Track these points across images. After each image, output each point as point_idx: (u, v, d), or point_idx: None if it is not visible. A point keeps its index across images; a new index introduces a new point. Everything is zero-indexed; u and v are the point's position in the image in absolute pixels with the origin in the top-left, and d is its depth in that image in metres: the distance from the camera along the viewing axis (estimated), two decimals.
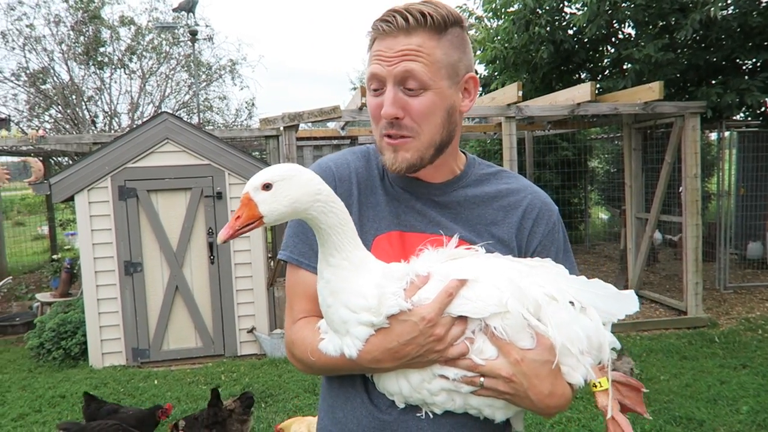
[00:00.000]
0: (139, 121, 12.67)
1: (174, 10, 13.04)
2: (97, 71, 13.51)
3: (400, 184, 1.31)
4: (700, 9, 6.45)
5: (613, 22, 7.75)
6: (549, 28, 7.85)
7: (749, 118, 8.48)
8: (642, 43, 7.28)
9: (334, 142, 8.93)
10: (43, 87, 13.14)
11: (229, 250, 5.88)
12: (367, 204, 1.30)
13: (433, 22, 1.16)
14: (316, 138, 8.87)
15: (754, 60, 7.55)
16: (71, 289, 7.23)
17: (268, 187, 1.05)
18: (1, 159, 9.55)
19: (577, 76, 8.97)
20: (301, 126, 7.13)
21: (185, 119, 9.73)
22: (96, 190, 5.63)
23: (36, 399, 4.93)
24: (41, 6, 12.75)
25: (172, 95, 14.80)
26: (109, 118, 13.82)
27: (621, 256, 8.18)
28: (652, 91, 6.15)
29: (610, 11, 7.29)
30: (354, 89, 21.32)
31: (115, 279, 5.69)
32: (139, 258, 5.72)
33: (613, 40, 8.32)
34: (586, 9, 7.17)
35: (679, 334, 6.17)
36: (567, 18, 8.13)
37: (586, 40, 8.04)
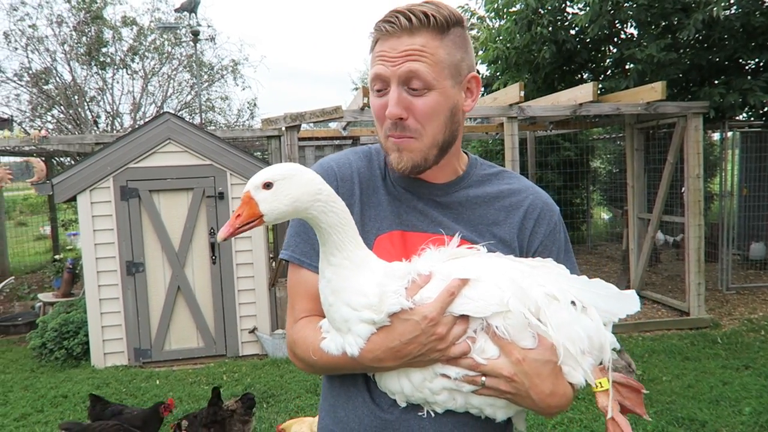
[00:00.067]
0: (141, 122, 12.69)
1: (176, 11, 13.06)
2: (100, 71, 13.53)
3: (401, 184, 1.31)
4: (703, 9, 6.44)
5: (616, 22, 7.74)
6: (551, 28, 7.84)
7: (752, 119, 8.46)
8: (644, 43, 7.27)
9: (335, 143, 8.93)
10: (45, 87, 13.16)
11: (230, 250, 5.88)
12: (369, 204, 1.30)
13: (436, 22, 1.16)
14: (317, 138, 8.87)
15: (757, 60, 7.53)
16: (73, 289, 7.23)
17: (269, 186, 1.06)
18: (4, 159, 9.56)
19: (579, 76, 8.96)
20: (303, 126, 7.13)
21: (187, 119, 9.73)
22: (98, 191, 5.64)
23: (38, 399, 4.94)
24: (44, 6, 12.79)
25: (174, 95, 14.82)
26: (111, 119, 13.84)
27: (623, 256, 8.17)
28: (654, 91, 6.14)
29: (613, 11, 7.28)
30: (356, 89, 21.33)
31: (117, 279, 5.70)
32: (141, 258, 5.73)
33: (615, 40, 8.31)
34: (588, 9, 7.16)
35: (682, 335, 6.16)
36: (569, 18, 8.12)
37: (588, 40, 8.03)
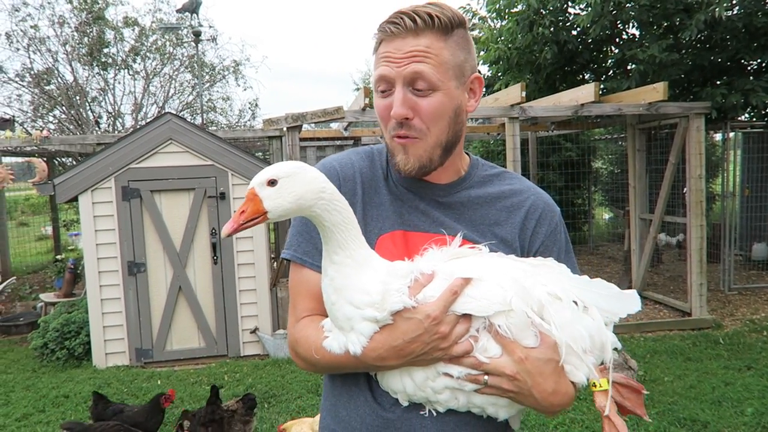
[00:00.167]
0: (143, 122, 12.69)
1: (178, 11, 13.06)
2: (101, 72, 13.53)
3: (404, 184, 1.31)
4: (705, 9, 6.43)
5: (617, 22, 7.74)
6: (553, 29, 7.84)
7: (754, 119, 8.46)
8: (646, 44, 7.27)
9: (337, 143, 8.92)
10: (47, 88, 13.17)
11: (232, 250, 5.88)
12: (371, 203, 1.30)
13: (440, 23, 1.17)
14: (319, 139, 8.86)
15: (759, 60, 7.53)
16: (75, 290, 7.24)
17: (273, 183, 1.06)
18: (6, 160, 9.58)
19: (581, 76, 8.96)
20: (305, 127, 7.14)
21: (189, 120, 9.75)
22: (100, 191, 5.64)
23: (40, 399, 4.94)
24: (45, 7, 12.80)
25: (175, 96, 14.82)
26: (112, 119, 13.85)
27: (625, 257, 8.16)
28: (656, 91, 6.13)
29: (615, 12, 7.28)
30: (357, 90, 21.33)
31: (119, 279, 5.70)
32: (142, 258, 5.73)
33: (617, 40, 8.31)
34: (590, 9, 7.16)
35: (684, 336, 6.15)
36: (571, 18, 8.12)
37: (590, 41, 8.03)
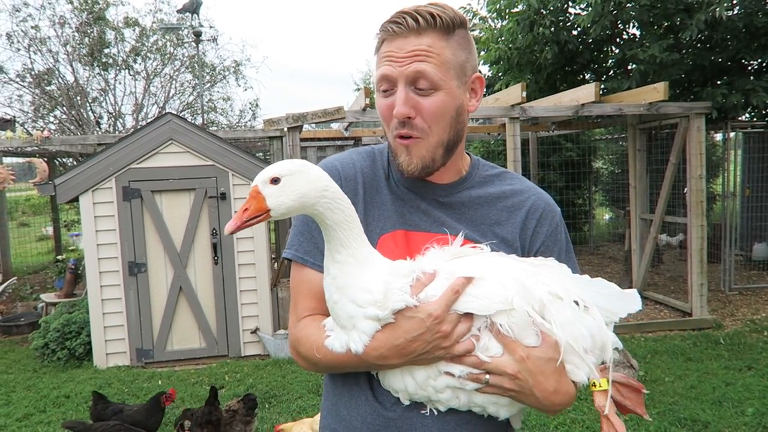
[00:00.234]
0: (144, 122, 12.70)
1: (178, 12, 13.08)
2: (102, 72, 13.55)
3: (405, 184, 1.32)
4: (706, 9, 6.43)
5: (618, 22, 7.74)
6: (553, 29, 7.84)
7: (755, 119, 8.46)
8: (647, 44, 7.26)
9: (337, 143, 8.92)
10: (47, 88, 13.18)
11: (232, 250, 5.89)
12: (372, 203, 1.31)
13: (442, 23, 1.18)
14: (319, 139, 8.87)
15: (760, 60, 7.53)
16: (76, 290, 7.24)
17: (276, 181, 1.07)
18: (6, 160, 9.59)
19: (581, 76, 8.95)
20: (305, 127, 7.15)
21: (189, 120, 9.75)
22: (100, 191, 5.65)
23: (41, 399, 4.95)
24: (46, 7, 12.81)
25: (176, 96, 14.83)
26: (113, 119, 13.85)
27: (625, 257, 8.16)
28: (656, 91, 6.13)
29: (615, 12, 7.28)
30: (358, 90, 21.33)
31: (120, 279, 5.71)
32: (143, 258, 5.73)
33: (617, 40, 8.31)
34: (590, 9, 7.16)
35: (684, 336, 6.14)
36: (571, 18, 8.12)
37: (590, 41, 8.03)
